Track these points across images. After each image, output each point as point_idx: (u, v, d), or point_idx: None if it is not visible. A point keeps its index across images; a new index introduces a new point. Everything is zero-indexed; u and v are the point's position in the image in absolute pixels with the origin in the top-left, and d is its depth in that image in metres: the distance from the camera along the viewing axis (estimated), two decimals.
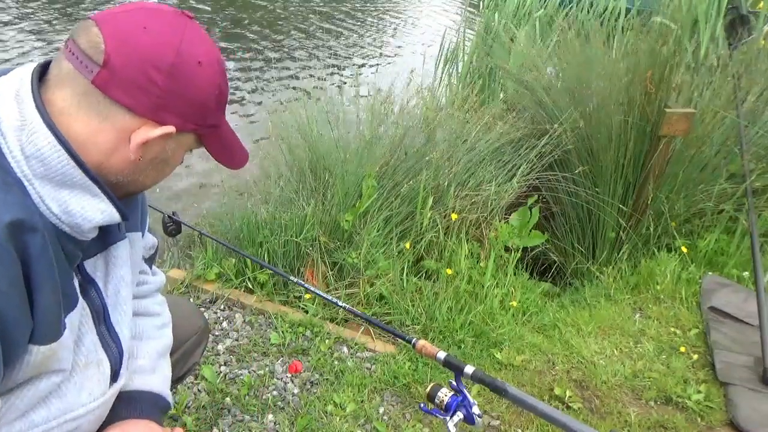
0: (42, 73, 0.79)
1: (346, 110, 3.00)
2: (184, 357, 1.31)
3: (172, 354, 1.20)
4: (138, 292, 1.13)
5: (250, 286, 2.34)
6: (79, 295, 0.88)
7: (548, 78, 3.26)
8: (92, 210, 0.80)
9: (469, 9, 5.86)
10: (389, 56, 7.22)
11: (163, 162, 0.86)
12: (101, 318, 0.94)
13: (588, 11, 4.27)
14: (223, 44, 6.51)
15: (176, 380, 1.32)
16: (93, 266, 0.92)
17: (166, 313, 1.20)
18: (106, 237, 0.93)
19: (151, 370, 1.08)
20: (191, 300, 2.28)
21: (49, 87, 0.78)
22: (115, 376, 0.97)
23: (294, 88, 5.21)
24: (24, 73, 0.78)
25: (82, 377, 0.89)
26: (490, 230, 2.68)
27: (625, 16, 4.43)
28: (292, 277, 1.84)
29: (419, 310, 2.28)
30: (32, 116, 0.75)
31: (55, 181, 0.76)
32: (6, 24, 6.18)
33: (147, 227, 1.12)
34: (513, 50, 3.81)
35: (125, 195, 0.88)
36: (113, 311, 0.96)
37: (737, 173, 2.96)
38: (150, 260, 1.19)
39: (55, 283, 0.77)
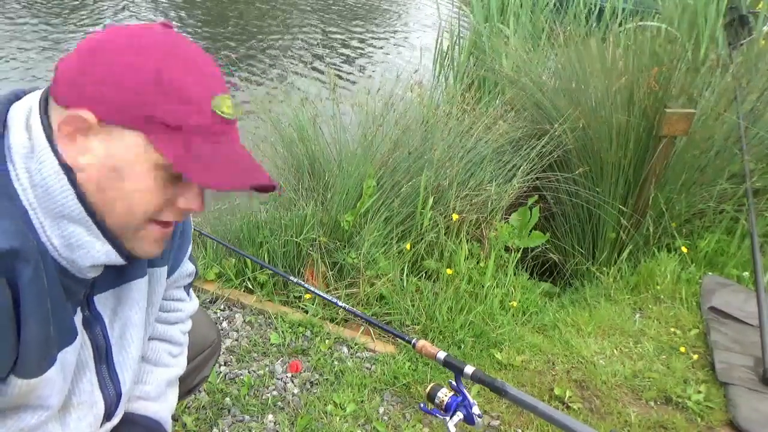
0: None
1: (345, 110, 3.00)
2: (196, 370, 1.30)
3: None
4: (167, 318, 1.12)
5: (250, 286, 2.34)
6: (83, 329, 0.86)
7: (545, 79, 3.27)
8: (91, 247, 0.77)
9: (462, 9, 5.88)
10: (388, 55, 7.22)
11: (115, 173, 0.74)
12: (103, 357, 0.91)
13: (586, 15, 4.27)
14: (215, 42, 6.51)
15: (187, 392, 1.32)
16: (103, 302, 0.89)
17: (187, 339, 1.18)
18: (122, 273, 0.90)
19: (155, 398, 1.07)
20: None
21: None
22: (109, 416, 0.95)
23: (292, 86, 5.21)
24: (34, 99, 0.77)
25: (72, 418, 0.87)
26: (490, 230, 2.68)
27: (620, 16, 4.44)
28: (292, 277, 1.84)
29: (419, 310, 2.28)
30: (41, 144, 0.73)
31: (57, 213, 0.74)
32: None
33: (186, 256, 1.10)
34: (506, 52, 3.81)
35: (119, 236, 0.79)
36: (117, 352, 0.93)
37: (738, 174, 2.97)
38: (188, 286, 1.18)
39: (45, 317, 0.75)
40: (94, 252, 0.77)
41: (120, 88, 0.71)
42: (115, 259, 0.80)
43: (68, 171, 0.74)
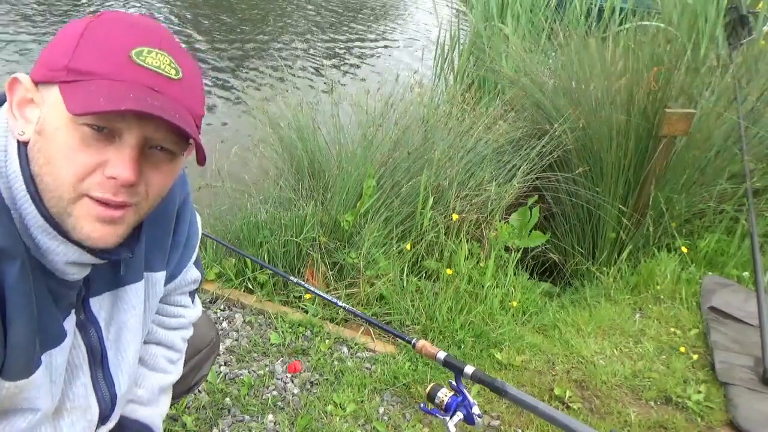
0: None
1: (345, 110, 3.00)
2: (194, 369, 1.30)
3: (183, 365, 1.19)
4: (170, 323, 1.11)
5: (250, 286, 2.34)
6: (76, 333, 0.84)
7: (545, 79, 3.27)
8: (54, 248, 0.74)
9: (462, 9, 5.89)
10: (388, 55, 7.22)
11: (41, 137, 0.71)
12: (98, 360, 0.90)
13: (584, 15, 4.27)
14: (213, 42, 6.51)
15: (186, 391, 1.32)
16: (98, 305, 0.88)
17: (186, 345, 1.18)
18: (117, 276, 0.88)
19: (147, 402, 1.06)
20: None
21: None
22: (104, 420, 0.94)
23: (292, 86, 5.21)
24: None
25: (65, 422, 0.86)
26: (490, 230, 2.68)
27: (620, 15, 4.44)
28: (292, 277, 1.84)
29: (419, 310, 2.28)
30: (11, 141, 0.73)
31: (23, 212, 0.72)
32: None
33: (191, 262, 1.09)
34: (506, 52, 3.82)
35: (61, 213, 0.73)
36: (113, 356, 0.92)
37: (738, 174, 2.97)
38: (193, 292, 1.17)
39: (31, 317, 0.73)
40: (59, 251, 0.74)
41: (52, 47, 0.72)
42: (86, 258, 0.76)
43: (25, 170, 0.72)
